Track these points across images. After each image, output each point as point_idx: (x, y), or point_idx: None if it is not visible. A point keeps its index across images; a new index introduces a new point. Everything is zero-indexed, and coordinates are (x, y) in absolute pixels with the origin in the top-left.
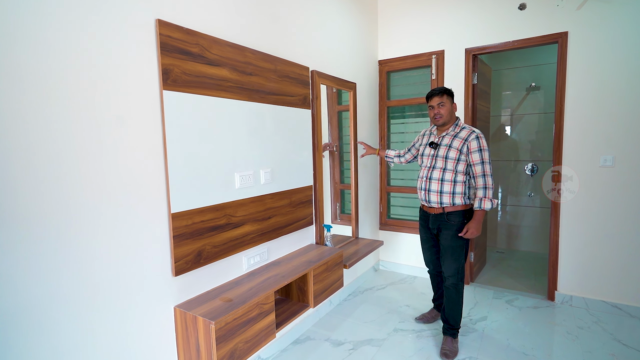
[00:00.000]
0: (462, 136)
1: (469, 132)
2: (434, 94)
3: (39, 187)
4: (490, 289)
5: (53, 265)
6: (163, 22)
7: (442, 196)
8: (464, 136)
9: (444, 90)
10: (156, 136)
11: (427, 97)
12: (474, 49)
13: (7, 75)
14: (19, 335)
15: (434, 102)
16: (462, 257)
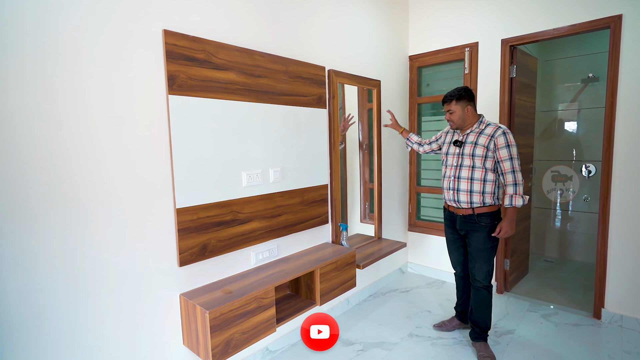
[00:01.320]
0: (488, 133)
1: (494, 129)
2: (444, 101)
3: (55, 182)
4: (526, 300)
5: (71, 249)
6: (169, 32)
7: (472, 195)
8: (490, 132)
9: (453, 96)
10: (163, 137)
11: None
12: (511, 40)
13: (38, 84)
14: (39, 309)
15: (445, 108)
16: (492, 259)
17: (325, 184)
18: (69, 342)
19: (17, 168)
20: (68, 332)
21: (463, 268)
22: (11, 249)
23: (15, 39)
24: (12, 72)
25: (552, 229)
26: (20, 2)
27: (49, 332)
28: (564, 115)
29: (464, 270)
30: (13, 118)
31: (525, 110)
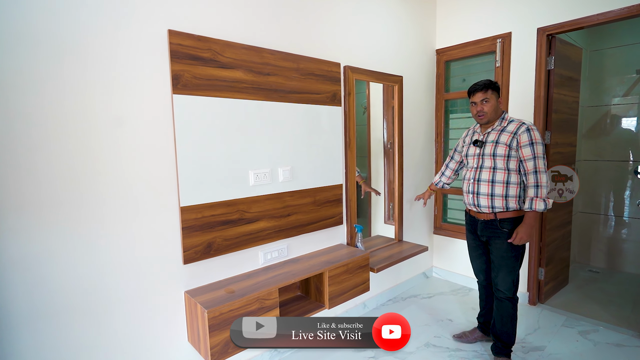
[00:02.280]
0: (510, 130)
1: (517, 125)
2: (477, 89)
3: (62, 180)
4: (562, 314)
5: (79, 244)
6: (173, 32)
7: (494, 199)
8: (513, 129)
9: (489, 84)
10: (167, 136)
11: (468, 93)
12: (549, 28)
13: (48, 85)
14: (48, 301)
15: (476, 98)
16: (517, 268)
17: (339, 183)
18: (77, 334)
19: (24, 167)
20: (76, 324)
21: (486, 276)
22: (18, 244)
23: (27, 42)
24: (24, 74)
25: (599, 236)
26: (31, 6)
27: (56, 324)
28: (617, 110)
29: (487, 278)
30: (24, 118)
31: (565, 105)
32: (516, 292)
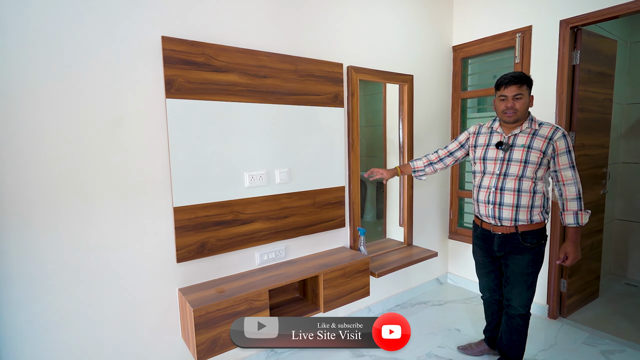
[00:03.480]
0: (545, 134)
1: (552, 129)
2: (512, 81)
3: (59, 180)
4: (585, 330)
5: (76, 242)
6: (167, 38)
7: (519, 211)
8: (547, 134)
9: (524, 78)
10: (161, 139)
11: (497, 85)
12: (573, 20)
13: (45, 90)
14: (47, 290)
15: (509, 91)
16: (535, 285)
17: (341, 185)
18: (73, 326)
19: (25, 168)
20: (71, 316)
21: (492, 293)
22: (19, 241)
23: (25, 48)
24: (22, 80)
25: (638, 246)
26: (29, 15)
27: (52, 318)
28: None
29: (493, 295)
30: (24, 122)
31: (595, 103)
32: (529, 309)
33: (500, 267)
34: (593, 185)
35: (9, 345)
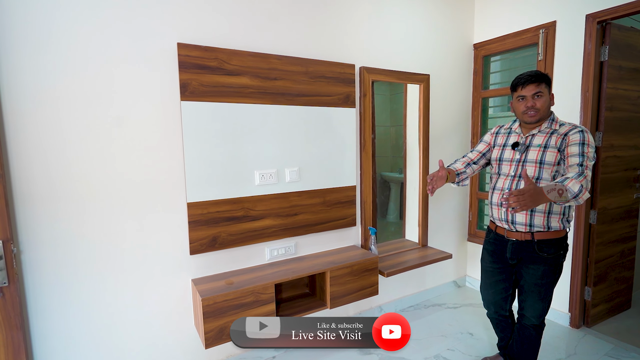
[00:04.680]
0: (562, 132)
1: (570, 128)
2: (529, 80)
3: (82, 178)
4: (609, 341)
5: (98, 234)
6: (182, 45)
7: (534, 216)
8: (564, 131)
9: (542, 76)
10: (176, 139)
11: (514, 85)
12: (600, 14)
13: (70, 94)
14: (75, 277)
15: (527, 91)
16: (550, 296)
17: (352, 185)
18: (96, 309)
19: (50, 166)
20: (95, 300)
21: (497, 309)
22: (48, 228)
23: (52, 55)
24: (49, 85)
25: None
26: (55, 28)
27: (78, 301)
28: None
29: (499, 311)
30: (48, 125)
31: (627, 101)
32: (544, 320)
33: (510, 277)
34: (624, 188)
35: (41, 321)
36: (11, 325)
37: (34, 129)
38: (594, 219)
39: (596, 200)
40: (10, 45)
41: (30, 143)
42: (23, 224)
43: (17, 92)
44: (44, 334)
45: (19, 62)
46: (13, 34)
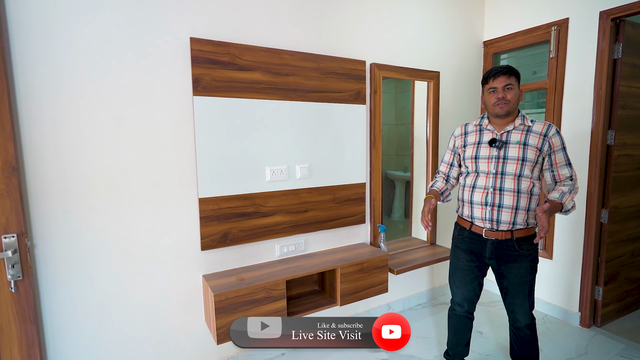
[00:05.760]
0: (539, 131)
1: (545, 126)
2: (501, 72)
3: (96, 172)
4: (621, 341)
5: (111, 229)
6: (194, 39)
7: (517, 214)
8: (542, 131)
9: (512, 70)
10: (188, 134)
11: (485, 78)
12: (614, 11)
13: (97, 96)
14: (87, 271)
15: (498, 82)
16: (534, 291)
17: (362, 182)
18: (109, 303)
19: (65, 161)
20: (108, 294)
21: (470, 306)
22: (64, 223)
23: (69, 54)
24: (67, 82)
25: None
26: (69, 22)
27: (90, 296)
28: None
29: (470, 308)
30: (63, 121)
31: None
32: (533, 314)
33: (484, 274)
34: (636, 187)
35: (53, 314)
36: (25, 319)
37: (48, 122)
38: (605, 218)
39: (608, 199)
40: (24, 39)
41: (44, 137)
42: (36, 218)
43: (32, 85)
44: (56, 328)
45: (34, 56)
46: (28, 27)
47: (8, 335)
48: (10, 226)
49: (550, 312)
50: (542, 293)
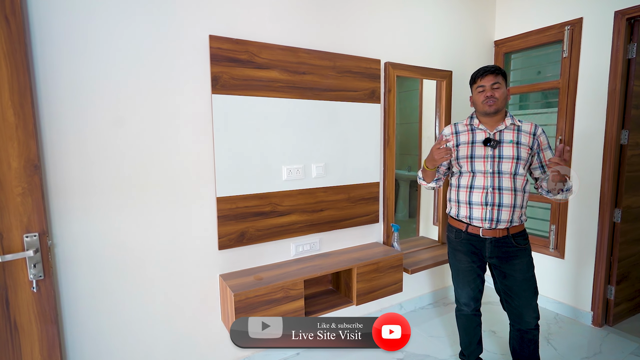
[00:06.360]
0: (528, 130)
1: (533, 126)
2: (488, 71)
3: (117, 169)
4: (634, 340)
5: (129, 228)
6: (214, 37)
7: (514, 212)
8: (530, 130)
9: (500, 70)
10: (206, 132)
11: (473, 77)
12: (629, 10)
13: (104, 91)
14: (105, 271)
15: (486, 81)
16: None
17: (376, 181)
18: (127, 302)
19: (86, 158)
20: (125, 293)
21: (476, 304)
22: (88, 220)
23: (89, 49)
24: (93, 81)
25: None
26: (91, 17)
27: (109, 295)
28: None
29: (477, 305)
30: (87, 119)
31: None
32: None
33: (485, 271)
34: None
35: (73, 314)
36: (46, 319)
37: (70, 120)
38: (619, 217)
39: (621, 198)
40: (47, 34)
41: (66, 134)
42: (57, 217)
43: (54, 82)
44: (76, 328)
45: (55, 51)
46: (50, 22)
47: (29, 335)
48: (32, 225)
49: (562, 312)
50: (553, 292)
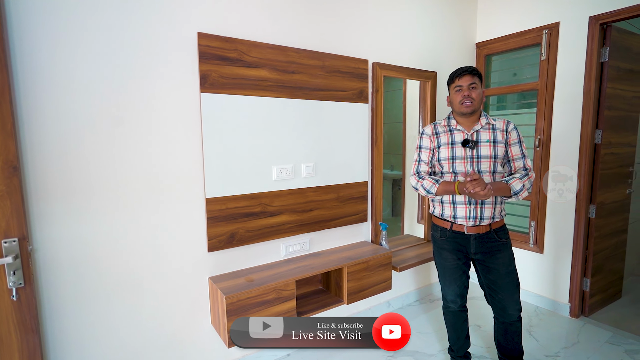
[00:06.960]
0: (501, 127)
1: (505, 122)
2: (464, 72)
3: (98, 171)
4: (608, 329)
5: (114, 230)
6: (202, 34)
7: (496, 208)
8: (503, 127)
9: (476, 71)
10: (195, 132)
11: (451, 77)
12: (603, 16)
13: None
14: (89, 274)
15: (463, 81)
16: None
17: (364, 180)
18: (112, 307)
19: (65, 160)
20: (111, 298)
21: (462, 300)
22: (66, 226)
23: (73, 45)
24: (75, 79)
25: None
26: (75, 12)
27: (93, 300)
28: None
29: (463, 301)
30: (66, 116)
31: (623, 101)
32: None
33: (469, 268)
34: (619, 184)
35: (55, 323)
36: (27, 328)
37: (50, 119)
38: (593, 213)
39: (595, 195)
40: (25, 30)
41: (46, 134)
42: (37, 221)
43: (33, 80)
44: (59, 337)
45: (35, 49)
46: (29, 17)
47: (8, 345)
48: (11, 230)
49: (542, 304)
50: (533, 286)
